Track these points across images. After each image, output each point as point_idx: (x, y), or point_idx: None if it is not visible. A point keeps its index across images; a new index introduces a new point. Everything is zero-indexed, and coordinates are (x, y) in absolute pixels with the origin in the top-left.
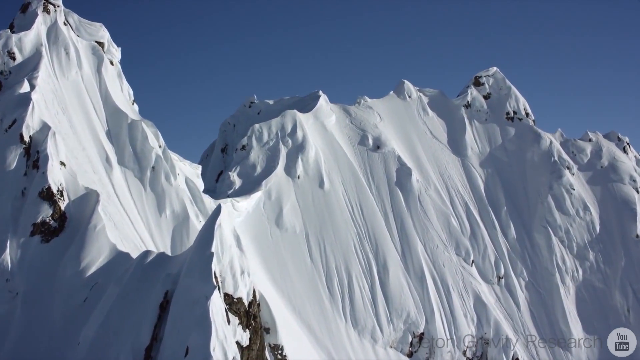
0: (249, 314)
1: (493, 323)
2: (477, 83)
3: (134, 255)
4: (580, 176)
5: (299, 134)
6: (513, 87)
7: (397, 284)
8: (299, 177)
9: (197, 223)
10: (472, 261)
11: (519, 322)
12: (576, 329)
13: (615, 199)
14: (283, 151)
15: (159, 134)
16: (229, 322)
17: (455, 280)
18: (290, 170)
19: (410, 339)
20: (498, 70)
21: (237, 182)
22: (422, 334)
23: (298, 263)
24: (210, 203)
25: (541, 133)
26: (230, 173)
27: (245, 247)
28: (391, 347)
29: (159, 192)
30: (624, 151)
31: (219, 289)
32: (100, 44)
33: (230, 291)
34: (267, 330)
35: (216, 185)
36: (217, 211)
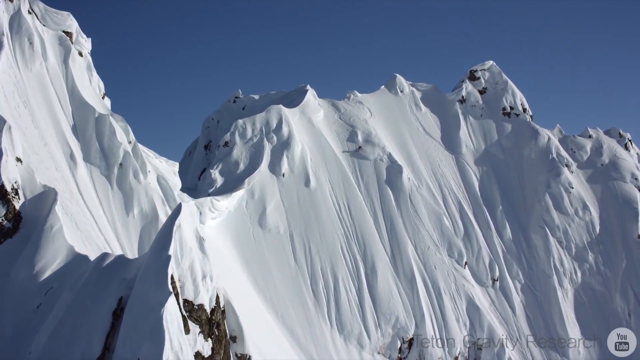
0: (211, 321)
1: (487, 327)
2: (473, 77)
3: (95, 257)
4: (580, 174)
5: (285, 129)
6: (510, 82)
7: (385, 287)
8: (283, 175)
9: None
10: (465, 263)
11: (514, 326)
12: (574, 334)
13: (616, 198)
14: (267, 148)
15: (129, 129)
16: (187, 331)
17: (447, 283)
18: (274, 167)
19: (399, 345)
20: (494, 64)
21: (219, 180)
22: (412, 339)
23: (281, 265)
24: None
25: (539, 129)
26: (211, 170)
27: (225, 248)
28: (379, 353)
29: (126, 190)
30: (626, 148)
31: (177, 295)
32: (68, 34)
33: (190, 297)
34: (234, 339)
35: (197, 184)
36: (177, 211)
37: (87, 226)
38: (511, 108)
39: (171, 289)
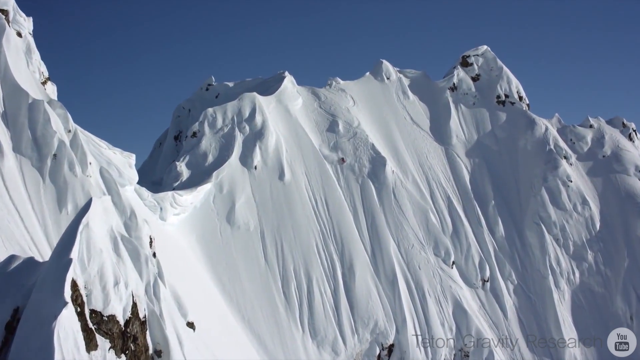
0: (125, 334)
1: (474, 332)
2: (465, 63)
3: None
4: (579, 166)
5: (258, 119)
6: (505, 68)
7: (364, 289)
8: (255, 168)
9: None
10: (453, 262)
11: (504, 330)
12: (570, 340)
13: (619, 192)
14: (239, 138)
15: (69, 116)
16: (95, 347)
17: (432, 284)
18: (246, 159)
19: (377, 351)
20: (489, 49)
21: (185, 173)
22: (392, 345)
23: (250, 265)
24: (133, 197)
25: (535, 119)
26: (177, 163)
27: (188, 246)
28: None
29: (60, 184)
30: (630, 139)
31: (81, 305)
32: (4, 11)
33: (98, 307)
34: (159, 354)
35: (163, 177)
36: (86, 207)
37: (11, 224)
38: (506, 96)
39: (68, 299)
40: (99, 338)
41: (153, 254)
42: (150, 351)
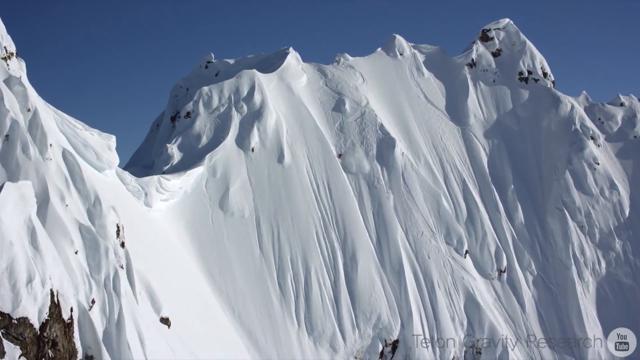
0: (42, 339)
1: (488, 327)
2: (485, 38)
3: None
4: (608, 148)
5: (257, 97)
6: (528, 42)
7: (367, 280)
8: (253, 150)
9: (62, 207)
10: (466, 251)
11: (522, 325)
12: (595, 335)
13: None
14: (236, 119)
15: (29, 94)
16: (2, 354)
17: (443, 275)
18: (242, 141)
19: (380, 348)
20: (511, 22)
21: (177, 156)
22: (397, 341)
23: (244, 254)
24: (114, 182)
25: (560, 96)
26: (168, 145)
27: (176, 235)
28: (356, 357)
29: (11, 167)
30: None
31: None
32: None
33: (6, 309)
34: (90, 359)
35: (154, 160)
36: None
37: None
38: (529, 72)
39: None
40: (7, 344)
41: (121, 244)
42: (79, 356)
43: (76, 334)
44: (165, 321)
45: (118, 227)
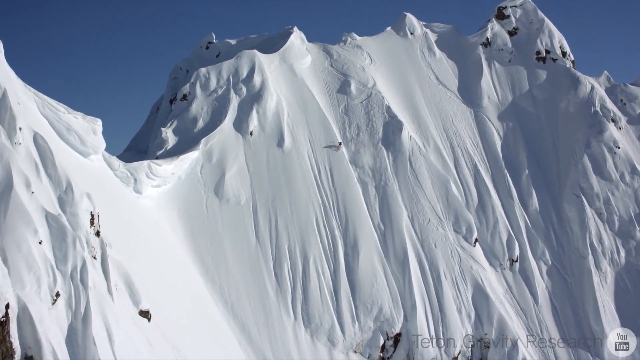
0: None
1: (497, 320)
2: (501, 16)
3: None
4: (630, 131)
5: (257, 79)
6: (547, 20)
7: (368, 270)
8: (251, 134)
9: (27, 195)
10: (476, 240)
11: (534, 318)
12: (612, 329)
13: None
14: (234, 101)
15: None
16: None
17: (450, 265)
18: (241, 124)
19: (382, 342)
20: None
21: (171, 140)
22: (399, 334)
23: (239, 243)
24: (101, 167)
25: (580, 76)
26: (163, 129)
27: (167, 223)
28: (355, 351)
29: None
30: None
31: None
32: None
33: None
34: (30, 359)
35: (149, 145)
36: None
37: None
38: (547, 52)
39: None
40: None
41: (96, 233)
42: (17, 357)
43: (13, 333)
44: (144, 314)
45: (92, 215)
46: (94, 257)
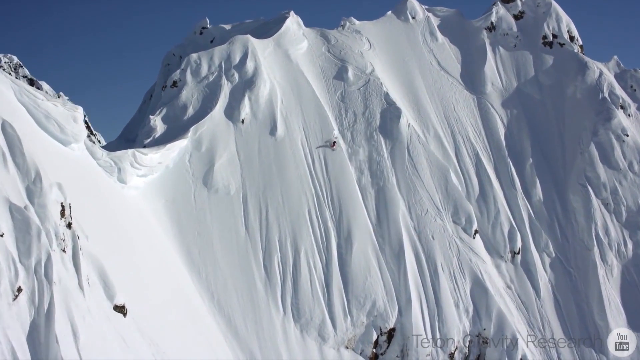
0: None
1: (496, 315)
2: None
3: None
4: None
5: (249, 65)
6: (554, 3)
7: (362, 263)
8: (243, 122)
9: None
10: (476, 231)
11: (536, 313)
12: (617, 325)
13: None
14: (226, 88)
15: None
16: None
17: (447, 257)
18: (232, 112)
19: (375, 337)
20: None
21: (160, 128)
22: (393, 329)
23: (227, 234)
24: (83, 156)
25: (588, 62)
26: (151, 117)
27: (153, 214)
28: (347, 347)
29: None
30: None
31: None
32: None
33: None
34: None
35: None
36: None
37: None
38: (554, 36)
39: None
40: None
41: (67, 225)
42: None
43: None
44: (119, 309)
45: (63, 206)
46: (63, 251)
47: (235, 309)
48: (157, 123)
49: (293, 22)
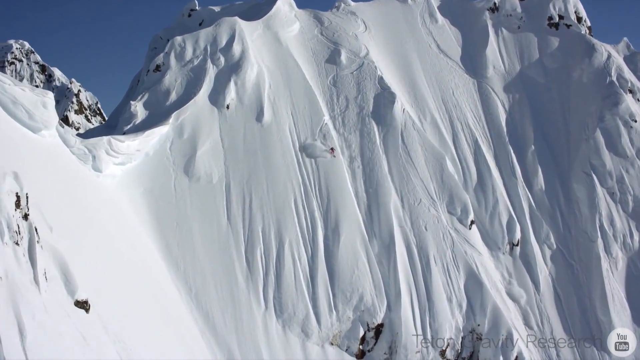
0: None
1: (491, 310)
2: None
3: None
4: None
5: (236, 48)
6: None
7: (349, 255)
8: (228, 108)
9: None
10: (472, 222)
11: (535, 308)
12: (621, 321)
13: None
14: (211, 72)
15: None
16: None
17: (441, 249)
18: (217, 97)
19: (361, 333)
20: None
21: (141, 114)
22: (381, 325)
23: (208, 225)
24: (55, 143)
25: (596, 44)
26: (132, 102)
27: (130, 204)
28: (332, 343)
29: None
30: None
31: None
32: None
33: None
34: None
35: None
36: None
37: None
38: (560, 17)
39: None
40: None
41: (24, 216)
42: None
43: None
44: (81, 305)
45: (18, 196)
46: (17, 243)
47: (214, 304)
48: (138, 109)
49: (285, 4)
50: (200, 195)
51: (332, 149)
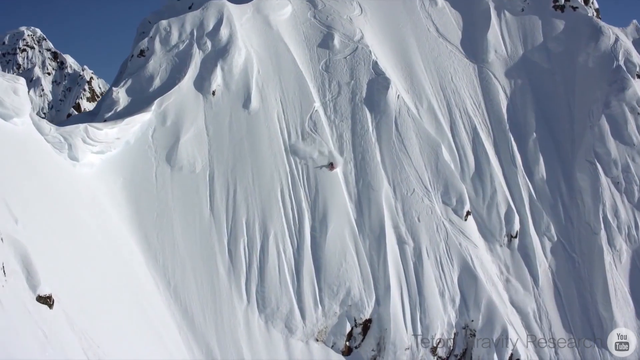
0: None
1: (485, 305)
2: None
3: None
4: None
5: (223, 32)
6: None
7: (337, 247)
8: (214, 94)
9: None
10: (468, 213)
11: (532, 303)
12: (624, 318)
13: None
14: (197, 57)
15: None
16: None
17: (434, 241)
18: (202, 83)
19: (348, 329)
20: None
21: (123, 101)
22: (369, 320)
23: (190, 216)
24: (28, 131)
25: (603, 27)
26: (114, 88)
27: (108, 194)
28: (317, 340)
29: None
30: None
31: None
32: None
33: None
34: None
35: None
36: None
37: None
38: None
39: None
40: None
41: None
42: None
43: None
44: (44, 300)
45: None
46: None
47: (193, 298)
48: (120, 95)
49: None
50: (183, 185)
51: (331, 164)
